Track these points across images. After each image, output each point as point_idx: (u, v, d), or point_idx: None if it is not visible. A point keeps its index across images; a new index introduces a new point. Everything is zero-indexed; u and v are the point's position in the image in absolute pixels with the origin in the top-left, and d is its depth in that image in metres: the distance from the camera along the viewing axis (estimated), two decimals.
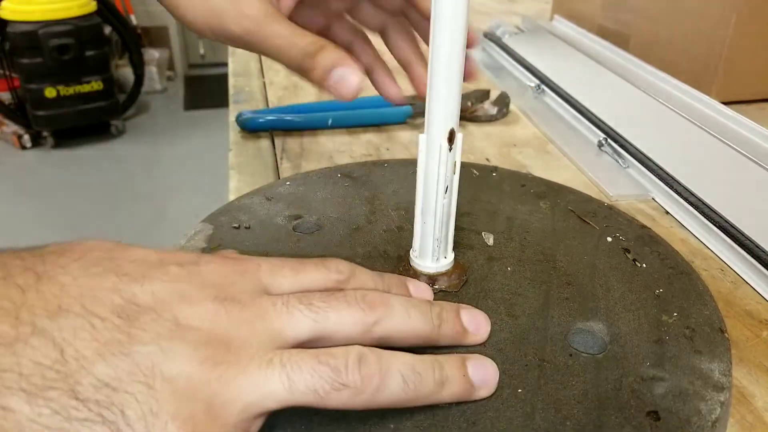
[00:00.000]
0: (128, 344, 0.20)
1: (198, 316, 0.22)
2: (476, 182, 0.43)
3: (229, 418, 0.20)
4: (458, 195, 0.30)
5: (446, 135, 0.28)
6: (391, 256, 0.34)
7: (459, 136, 0.28)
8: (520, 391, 0.25)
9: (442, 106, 0.27)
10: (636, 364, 0.27)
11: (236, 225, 0.36)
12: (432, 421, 0.23)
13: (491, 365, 0.25)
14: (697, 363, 0.27)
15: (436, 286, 0.31)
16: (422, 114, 0.28)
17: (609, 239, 0.36)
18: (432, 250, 0.31)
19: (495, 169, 0.45)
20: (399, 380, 0.22)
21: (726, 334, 0.29)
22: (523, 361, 0.27)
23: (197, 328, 0.21)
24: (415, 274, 0.31)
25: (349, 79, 0.32)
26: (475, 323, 0.27)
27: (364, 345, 0.23)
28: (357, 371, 0.22)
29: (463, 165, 0.44)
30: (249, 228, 0.36)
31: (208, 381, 0.20)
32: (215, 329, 0.22)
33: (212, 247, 0.34)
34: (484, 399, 0.25)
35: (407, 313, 0.25)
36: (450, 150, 0.28)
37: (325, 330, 0.23)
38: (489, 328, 0.28)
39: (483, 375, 0.25)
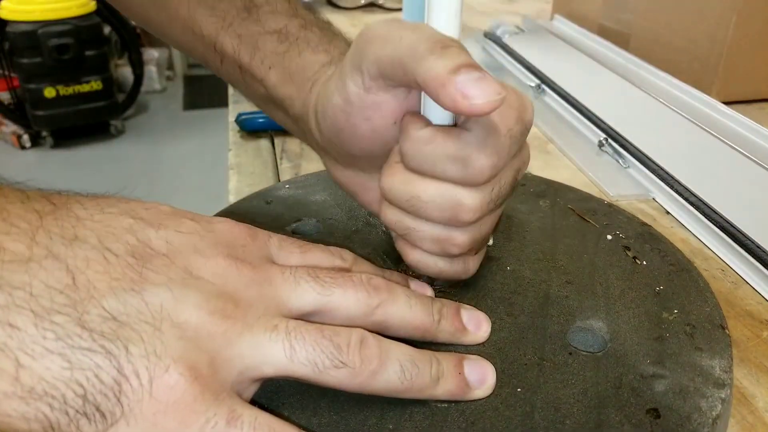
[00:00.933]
0: (140, 283, 0.20)
1: (210, 269, 0.22)
2: None
3: (228, 376, 0.20)
4: None
5: None
6: (391, 258, 0.34)
7: None
8: (519, 390, 0.25)
9: (439, 107, 0.27)
10: (636, 362, 0.26)
11: None
12: (431, 421, 0.23)
13: (488, 367, 0.25)
14: (698, 360, 0.27)
15: (435, 286, 0.31)
16: None
17: (609, 237, 0.36)
18: None
19: None
20: (397, 368, 0.22)
21: (727, 331, 0.29)
22: (522, 360, 0.26)
23: (208, 281, 0.21)
24: (415, 275, 0.31)
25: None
26: (475, 322, 0.27)
27: (365, 328, 0.23)
28: (357, 352, 0.22)
29: None
30: None
31: (214, 334, 0.20)
32: (226, 285, 0.22)
33: None
34: (482, 399, 0.24)
35: (409, 302, 0.25)
36: None
37: (328, 304, 0.23)
38: (489, 330, 0.28)
39: (479, 375, 0.25)
